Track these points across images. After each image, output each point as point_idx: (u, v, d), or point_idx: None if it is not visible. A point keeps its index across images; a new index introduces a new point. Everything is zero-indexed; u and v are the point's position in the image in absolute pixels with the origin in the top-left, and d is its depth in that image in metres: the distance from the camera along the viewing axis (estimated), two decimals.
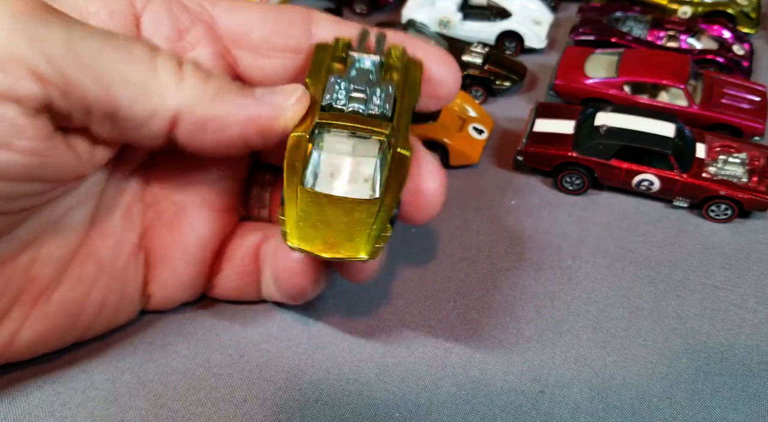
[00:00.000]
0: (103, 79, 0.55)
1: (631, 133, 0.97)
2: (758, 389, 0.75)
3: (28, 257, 0.64)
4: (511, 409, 0.73)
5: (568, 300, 0.85)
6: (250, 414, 0.72)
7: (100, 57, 0.55)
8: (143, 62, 0.57)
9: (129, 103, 0.57)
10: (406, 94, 0.66)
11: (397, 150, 0.62)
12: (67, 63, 0.54)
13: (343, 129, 0.62)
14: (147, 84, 0.57)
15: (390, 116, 0.63)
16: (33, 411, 0.71)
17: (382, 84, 0.63)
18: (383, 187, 0.61)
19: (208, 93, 0.60)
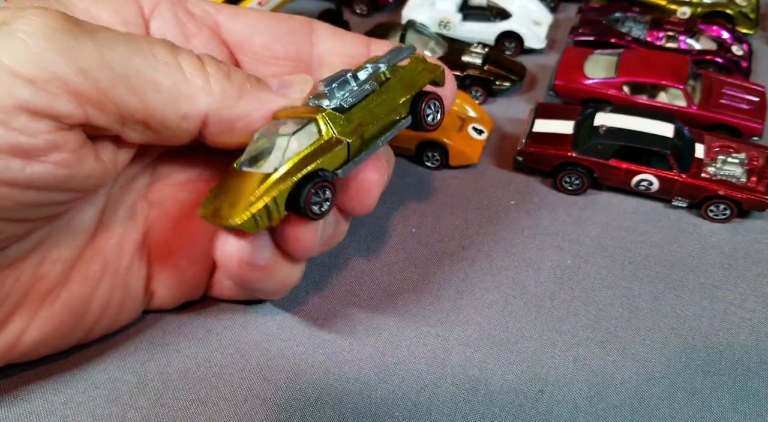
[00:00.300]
0: (137, 88, 0.57)
1: (631, 133, 0.98)
2: (757, 388, 0.76)
3: (37, 257, 0.65)
4: (511, 409, 0.73)
5: (568, 299, 0.85)
6: (250, 413, 0.72)
7: (130, 65, 0.56)
8: (169, 65, 0.59)
9: (162, 108, 0.59)
10: (393, 91, 0.67)
11: (330, 132, 0.62)
12: (102, 76, 0.55)
13: (292, 117, 0.64)
14: (178, 88, 0.59)
15: (346, 107, 0.64)
16: (34, 410, 0.71)
17: (362, 83, 0.65)
18: (290, 162, 0.60)
19: (233, 90, 0.61)
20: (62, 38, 0.54)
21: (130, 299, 0.74)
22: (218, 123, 0.62)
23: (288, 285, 0.73)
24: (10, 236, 0.60)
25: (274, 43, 0.71)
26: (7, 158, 0.52)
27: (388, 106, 0.66)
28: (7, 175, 0.53)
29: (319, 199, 0.62)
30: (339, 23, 1.32)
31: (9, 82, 0.51)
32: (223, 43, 0.70)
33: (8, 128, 0.52)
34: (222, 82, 0.61)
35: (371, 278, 0.87)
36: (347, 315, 0.83)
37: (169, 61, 0.59)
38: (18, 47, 0.52)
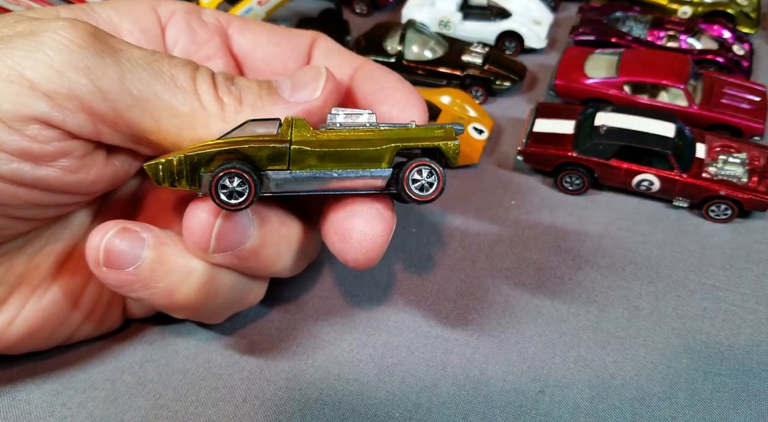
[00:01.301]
0: (154, 113, 0.58)
1: (631, 133, 0.97)
2: (758, 389, 0.75)
3: (32, 249, 0.65)
4: (511, 409, 0.73)
5: (568, 300, 0.85)
6: (250, 414, 0.72)
7: (149, 89, 0.57)
8: (187, 92, 0.59)
9: (177, 132, 0.59)
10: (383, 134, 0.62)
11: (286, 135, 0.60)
12: (120, 98, 0.56)
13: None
14: (194, 114, 0.59)
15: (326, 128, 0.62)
16: (33, 410, 0.71)
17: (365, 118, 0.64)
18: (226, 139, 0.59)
19: (245, 112, 0.61)
20: (86, 56, 0.54)
21: (117, 299, 0.73)
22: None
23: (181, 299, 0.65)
24: (13, 233, 0.61)
25: (274, 58, 0.73)
26: (19, 161, 0.54)
27: (368, 144, 0.60)
28: (16, 176, 0.55)
29: (228, 186, 0.58)
30: (339, 23, 1.32)
31: (28, 95, 0.53)
32: (231, 53, 0.73)
33: (22, 135, 0.54)
34: (235, 106, 0.61)
35: (371, 278, 0.87)
36: (347, 316, 0.82)
37: (188, 87, 0.59)
38: (42, 62, 0.53)
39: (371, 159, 0.60)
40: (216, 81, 0.62)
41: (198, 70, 0.61)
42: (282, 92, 0.64)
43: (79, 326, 0.72)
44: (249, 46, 0.73)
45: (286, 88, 0.64)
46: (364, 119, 0.62)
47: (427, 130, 0.63)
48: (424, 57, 1.21)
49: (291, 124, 0.60)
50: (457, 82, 1.19)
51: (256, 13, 1.21)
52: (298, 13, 1.40)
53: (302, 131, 0.60)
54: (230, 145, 0.58)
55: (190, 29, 0.70)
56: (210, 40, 0.71)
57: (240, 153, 0.58)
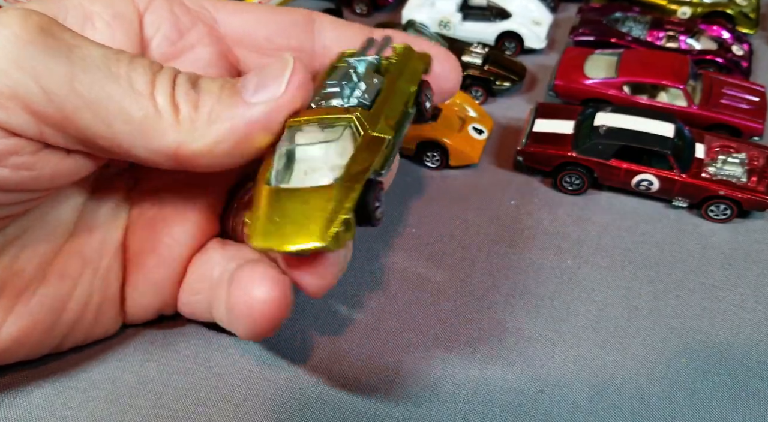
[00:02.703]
0: (106, 117, 0.54)
1: (631, 133, 0.97)
2: (758, 388, 0.76)
3: (13, 251, 0.63)
4: (511, 409, 0.73)
5: (568, 299, 0.85)
6: (250, 413, 0.72)
7: (102, 92, 0.53)
8: (143, 97, 0.55)
9: (130, 140, 0.56)
10: (400, 82, 0.64)
11: (369, 131, 0.59)
12: (67, 100, 0.52)
13: (311, 122, 0.59)
14: (148, 122, 0.55)
15: (369, 104, 0.61)
16: (34, 410, 0.71)
17: (367, 78, 0.62)
18: (345, 170, 0.57)
19: (203, 119, 0.57)
20: (32, 53, 0.51)
21: (108, 302, 0.71)
22: (192, 155, 0.58)
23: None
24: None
25: (276, 35, 0.70)
26: None
27: (401, 99, 0.63)
28: None
29: (379, 203, 0.58)
30: None
31: None
32: (218, 39, 0.69)
33: None
34: (190, 113, 0.57)
35: (371, 278, 0.87)
36: (347, 316, 0.82)
37: (144, 91, 0.55)
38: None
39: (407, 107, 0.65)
40: (176, 84, 0.57)
41: (159, 73, 0.57)
42: (245, 92, 0.58)
43: (69, 331, 0.70)
44: (247, 26, 0.69)
45: (251, 87, 0.59)
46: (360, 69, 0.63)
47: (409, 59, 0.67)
48: None
49: (362, 121, 0.58)
50: None
51: None
52: None
53: (370, 120, 0.59)
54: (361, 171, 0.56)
55: (172, 15, 0.66)
56: (194, 26, 0.67)
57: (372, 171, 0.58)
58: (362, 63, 0.65)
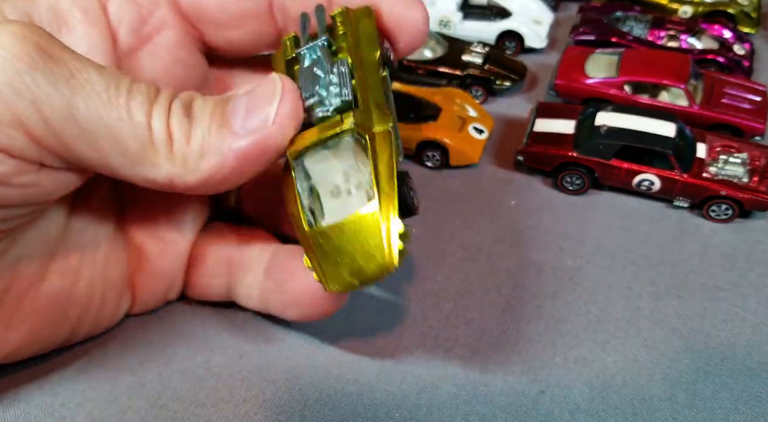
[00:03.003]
0: (102, 148, 0.54)
1: (632, 133, 0.97)
2: (759, 390, 0.75)
3: (13, 254, 0.63)
4: (512, 410, 0.73)
5: (569, 300, 0.85)
6: (249, 414, 0.71)
7: (100, 122, 0.53)
8: (141, 128, 0.55)
9: (124, 170, 0.56)
10: (363, 56, 0.60)
11: (371, 129, 0.58)
12: (66, 129, 0.52)
13: (314, 147, 0.59)
14: (143, 154, 0.55)
15: (352, 98, 0.58)
16: (32, 410, 0.70)
17: (332, 68, 0.59)
18: (375, 183, 0.57)
19: (194, 152, 0.56)
20: (33, 79, 0.50)
21: (111, 291, 0.73)
22: (187, 187, 0.58)
23: None
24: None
25: (227, 3, 0.66)
26: None
27: (372, 72, 0.60)
28: None
29: (413, 191, 0.60)
30: None
31: None
32: (182, 17, 0.67)
33: None
34: (183, 146, 0.56)
35: None
36: (347, 316, 0.82)
37: (141, 121, 0.55)
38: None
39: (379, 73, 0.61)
40: (171, 112, 0.56)
41: (156, 102, 0.56)
42: (234, 121, 0.57)
43: (77, 324, 0.71)
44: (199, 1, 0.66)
45: (240, 114, 0.57)
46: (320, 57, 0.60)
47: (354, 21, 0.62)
48: (424, 57, 1.21)
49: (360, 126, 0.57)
50: (457, 81, 1.19)
51: None
52: None
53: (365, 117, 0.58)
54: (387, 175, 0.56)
55: (132, 2, 0.64)
56: (156, 7, 0.65)
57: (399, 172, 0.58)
58: (314, 50, 0.61)
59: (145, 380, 0.74)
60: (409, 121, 1.06)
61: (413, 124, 1.05)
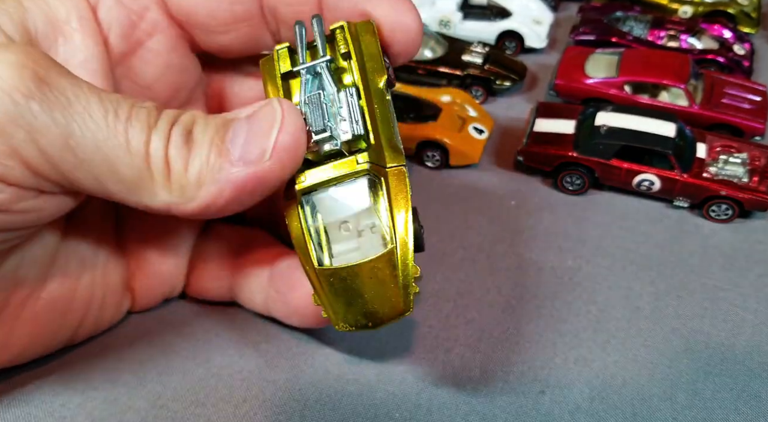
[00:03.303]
0: (99, 176, 0.53)
1: (632, 133, 0.97)
2: (759, 390, 0.75)
3: (14, 261, 0.64)
4: (512, 409, 0.73)
5: (569, 300, 0.85)
6: (249, 414, 0.71)
7: (98, 153, 0.52)
8: (138, 157, 0.54)
9: (121, 196, 0.56)
10: (370, 82, 0.58)
11: (385, 169, 0.57)
12: (63, 159, 0.52)
13: (326, 185, 0.58)
14: (140, 182, 0.55)
15: (364, 131, 0.57)
16: (32, 411, 0.70)
17: (340, 94, 0.57)
18: (392, 227, 0.57)
19: (192, 181, 0.55)
20: (30, 111, 0.50)
21: (111, 294, 0.73)
22: (185, 214, 0.57)
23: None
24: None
25: (217, 7, 0.64)
26: None
27: (379, 97, 0.58)
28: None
29: (422, 227, 0.59)
30: None
31: None
32: (173, 21, 0.66)
33: None
34: (180, 175, 0.55)
35: None
36: None
37: (139, 149, 0.53)
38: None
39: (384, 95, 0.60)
40: (170, 138, 0.55)
41: (155, 128, 0.54)
42: (234, 148, 0.55)
43: (78, 325, 0.72)
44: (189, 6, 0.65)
45: (238, 144, 0.55)
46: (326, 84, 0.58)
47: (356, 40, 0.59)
48: (425, 56, 1.21)
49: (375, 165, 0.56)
50: (457, 81, 1.19)
51: None
52: None
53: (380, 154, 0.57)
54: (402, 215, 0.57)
55: (121, 7, 0.63)
56: (146, 12, 0.64)
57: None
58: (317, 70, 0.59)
59: (145, 380, 0.74)
60: (409, 121, 1.06)
61: (413, 124, 1.05)
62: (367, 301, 0.57)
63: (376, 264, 0.57)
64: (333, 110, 0.57)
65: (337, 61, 0.60)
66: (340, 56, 0.60)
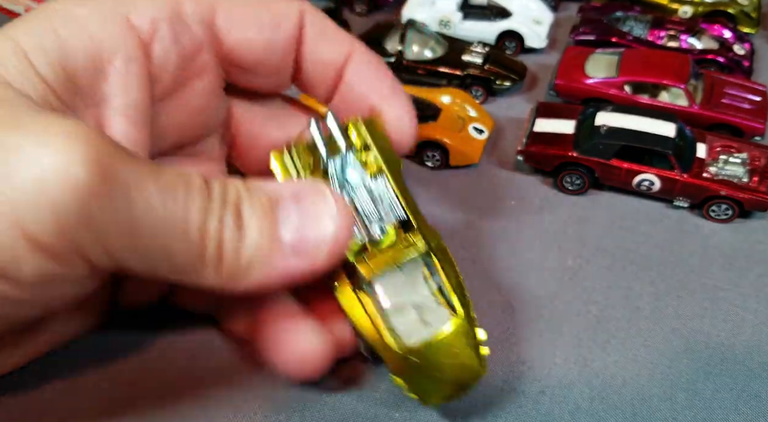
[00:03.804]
0: (153, 262, 0.52)
1: (632, 133, 0.97)
2: (759, 390, 0.75)
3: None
4: (512, 409, 0.73)
5: (569, 300, 0.85)
6: (249, 414, 0.71)
7: (155, 243, 0.51)
8: (195, 245, 0.52)
9: (171, 277, 0.55)
10: (392, 169, 0.64)
11: (433, 246, 0.64)
12: (124, 256, 0.51)
13: (385, 269, 0.62)
14: (192, 266, 0.54)
15: (405, 215, 0.63)
16: (33, 410, 0.70)
17: (373, 182, 0.63)
18: (456, 298, 0.64)
19: (242, 267, 0.54)
20: (96, 208, 0.47)
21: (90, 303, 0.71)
22: (224, 292, 0.57)
23: None
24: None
25: (267, 58, 0.66)
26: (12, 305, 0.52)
27: (401, 184, 0.64)
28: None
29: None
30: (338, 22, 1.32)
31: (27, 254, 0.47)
32: (219, 62, 0.65)
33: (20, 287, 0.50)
34: (232, 262, 0.54)
35: None
36: None
37: (195, 234, 0.52)
38: (44, 210, 0.45)
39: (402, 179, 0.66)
40: (224, 222, 0.53)
41: (210, 208, 0.53)
42: (284, 234, 0.55)
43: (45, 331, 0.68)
44: (241, 44, 0.64)
45: (290, 228, 0.55)
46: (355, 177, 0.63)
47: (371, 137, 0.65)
48: (425, 57, 1.21)
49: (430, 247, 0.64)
50: (457, 81, 1.19)
51: None
52: None
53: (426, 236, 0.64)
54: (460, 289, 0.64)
55: (177, 45, 0.60)
56: (199, 52, 0.63)
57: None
58: (346, 163, 0.63)
59: (146, 379, 0.74)
60: None
61: None
62: (449, 372, 0.63)
63: (450, 336, 0.63)
64: (373, 198, 0.63)
65: (360, 152, 0.64)
66: (360, 148, 0.64)
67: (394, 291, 0.64)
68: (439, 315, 0.63)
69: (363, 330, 0.63)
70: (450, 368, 0.62)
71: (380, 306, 0.63)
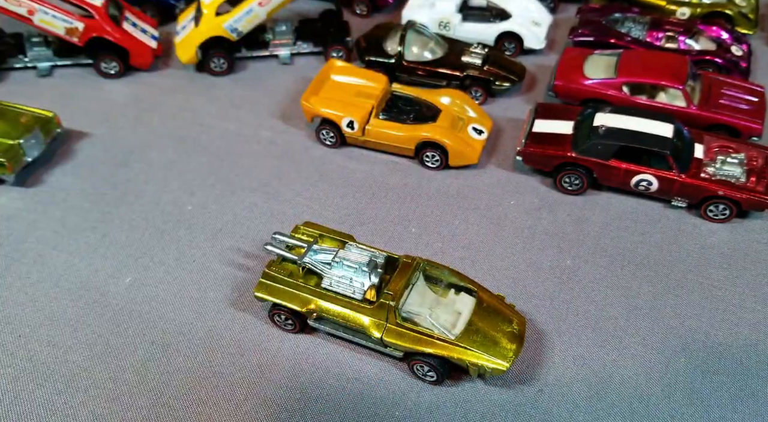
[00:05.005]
0: None
1: (630, 134, 0.98)
2: (756, 388, 0.76)
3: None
4: (511, 408, 0.73)
5: (567, 299, 0.86)
6: (250, 413, 0.72)
7: None
8: None
9: None
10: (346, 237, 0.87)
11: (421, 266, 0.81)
12: None
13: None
14: None
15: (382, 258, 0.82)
16: (35, 409, 0.71)
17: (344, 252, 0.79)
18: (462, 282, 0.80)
19: None
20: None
21: None
22: None
23: None
24: None
25: None
26: None
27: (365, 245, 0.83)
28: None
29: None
30: (339, 24, 1.32)
31: None
32: None
33: None
34: None
35: None
36: None
37: None
38: None
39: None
40: None
41: None
42: None
43: None
44: None
45: None
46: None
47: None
48: (424, 58, 1.21)
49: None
50: (456, 82, 1.19)
51: (257, 14, 1.22)
52: (298, 14, 1.40)
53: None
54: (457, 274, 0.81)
55: None
56: None
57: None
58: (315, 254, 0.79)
59: (147, 378, 0.74)
60: (408, 122, 1.06)
61: (413, 124, 1.06)
62: (499, 331, 0.74)
63: (480, 306, 0.76)
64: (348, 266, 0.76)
65: (318, 242, 0.83)
66: (316, 238, 0.83)
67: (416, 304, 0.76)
68: (462, 299, 0.77)
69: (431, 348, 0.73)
70: (496, 329, 0.74)
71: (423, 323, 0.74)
